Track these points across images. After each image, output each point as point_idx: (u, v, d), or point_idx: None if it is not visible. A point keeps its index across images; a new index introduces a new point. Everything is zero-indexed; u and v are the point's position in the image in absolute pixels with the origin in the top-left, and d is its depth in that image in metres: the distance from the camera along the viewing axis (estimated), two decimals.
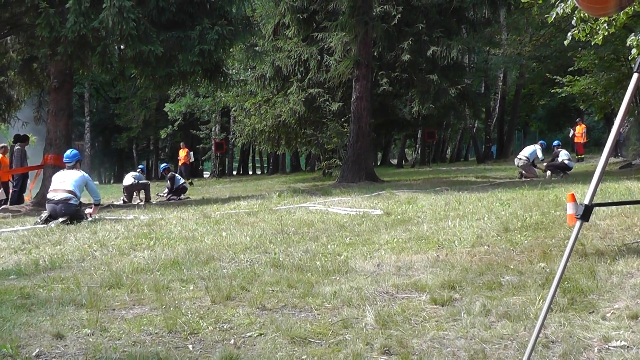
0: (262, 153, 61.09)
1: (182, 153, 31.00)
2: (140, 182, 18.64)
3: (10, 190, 17.80)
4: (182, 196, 18.80)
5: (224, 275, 5.73)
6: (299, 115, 26.17)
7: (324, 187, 18.87)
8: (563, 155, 18.86)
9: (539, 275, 5.10)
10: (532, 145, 19.86)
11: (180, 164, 31.38)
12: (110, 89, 53.41)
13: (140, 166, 23.31)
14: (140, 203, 17.63)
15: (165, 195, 18.91)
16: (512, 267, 5.49)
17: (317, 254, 6.63)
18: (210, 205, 13.33)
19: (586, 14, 9.74)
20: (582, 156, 29.08)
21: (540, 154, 19.33)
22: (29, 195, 18.66)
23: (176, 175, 19.32)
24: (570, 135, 30.89)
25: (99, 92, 56.09)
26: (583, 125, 30.66)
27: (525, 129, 60.46)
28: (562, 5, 10.51)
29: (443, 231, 7.56)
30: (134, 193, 18.85)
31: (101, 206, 13.43)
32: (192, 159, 32.84)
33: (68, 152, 11.76)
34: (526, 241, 6.60)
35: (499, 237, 6.92)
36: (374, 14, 21.95)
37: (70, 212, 10.85)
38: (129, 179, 18.92)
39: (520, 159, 19.23)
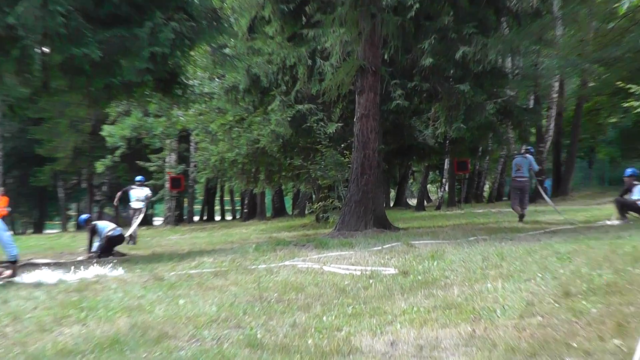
0: (234, 192, 61.34)
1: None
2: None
3: None
4: (116, 249, 18.54)
5: (180, 358, 5.69)
6: (283, 141, 26.32)
7: (317, 237, 18.89)
8: (637, 193, 18.36)
9: (613, 357, 5.06)
10: (520, 157, 21.14)
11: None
12: (29, 107, 53.43)
13: (138, 178, 23.42)
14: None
15: (96, 251, 18.38)
16: (575, 345, 5.46)
17: (308, 328, 6.60)
18: (163, 263, 13.30)
19: None
20: None
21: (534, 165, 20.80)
22: None
23: (97, 224, 18.94)
24: None
25: (13, 111, 56.15)
26: None
27: (590, 156, 60.37)
28: None
29: (480, 296, 7.54)
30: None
31: (18, 264, 13.34)
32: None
33: None
34: (594, 309, 6.57)
35: (556, 305, 6.89)
36: (384, 3, 22.03)
37: None
38: (137, 203, 19.93)
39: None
